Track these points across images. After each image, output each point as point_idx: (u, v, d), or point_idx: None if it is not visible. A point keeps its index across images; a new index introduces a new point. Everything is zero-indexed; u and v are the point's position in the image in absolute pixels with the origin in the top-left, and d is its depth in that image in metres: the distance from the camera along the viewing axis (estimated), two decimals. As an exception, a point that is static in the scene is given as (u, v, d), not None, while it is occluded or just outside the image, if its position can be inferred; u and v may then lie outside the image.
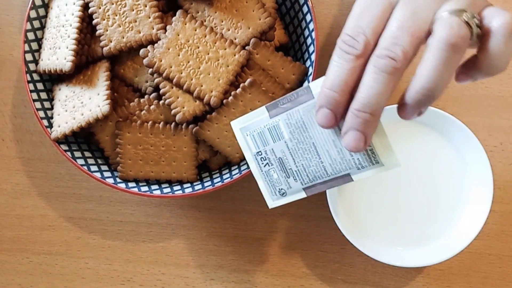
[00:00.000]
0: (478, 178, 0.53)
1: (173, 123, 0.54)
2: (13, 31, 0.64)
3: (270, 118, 0.41)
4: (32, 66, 0.56)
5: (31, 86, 0.55)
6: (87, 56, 0.56)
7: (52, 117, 0.55)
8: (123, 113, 0.55)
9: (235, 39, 0.53)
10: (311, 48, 0.54)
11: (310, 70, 0.54)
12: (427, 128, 0.53)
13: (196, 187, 0.54)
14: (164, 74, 0.52)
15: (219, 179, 0.55)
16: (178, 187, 0.55)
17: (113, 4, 0.53)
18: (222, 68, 0.52)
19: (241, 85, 0.52)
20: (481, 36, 0.37)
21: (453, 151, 0.54)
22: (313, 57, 0.53)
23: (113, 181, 0.54)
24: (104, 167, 0.56)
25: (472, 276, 0.59)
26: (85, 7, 0.54)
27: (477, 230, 0.52)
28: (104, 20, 0.54)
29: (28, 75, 0.55)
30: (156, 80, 0.53)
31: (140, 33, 0.53)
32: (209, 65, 0.52)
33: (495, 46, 0.37)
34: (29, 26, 0.55)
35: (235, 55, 0.53)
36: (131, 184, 0.55)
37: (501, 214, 0.59)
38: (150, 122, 0.54)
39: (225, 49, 0.53)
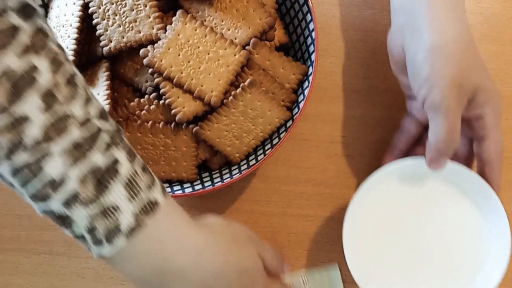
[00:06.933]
0: (495, 231, 0.52)
1: (173, 123, 0.54)
2: (13, 31, 0.64)
3: None
4: (32, 66, 0.56)
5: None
6: (87, 56, 0.56)
7: (52, 117, 0.55)
8: (123, 113, 0.55)
9: (235, 39, 0.53)
10: (311, 48, 0.54)
11: (310, 70, 0.54)
12: (444, 182, 0.52)
13: (196, 187, 0.54)
14: (164, 74, 0.52)
15: (219, 179, 0.55)
16: (178, 187, 0.55)
17: (113, 4, 0.53)
18: (222, 68, 0.52)
19: (241, 85, 0.52)
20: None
21: (470, 204, 0.52)
22: (313, 57, 0.53)
23: (113, 181, 0.54)
24: (104, 167, 0.55)
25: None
26: (85, 7, 0.54)
27: (494, 285, 0.51)
28: (104, 20, 0.54)
29: (28, 75, 0.55)
30: (156, 80, 0.53)
31: (140, 33, 0.53)
32: (209, 65, 0.52)
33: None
34: (29, 26, 0.55)
35: (235, 55, 0.53)
36: (131, 184, 0.55)
37: (501, 214, 0.59)
38: (150, 122, 0.54)
39: (225, 49, 0.53)
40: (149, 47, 0.53)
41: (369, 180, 0.51)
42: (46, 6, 0.56)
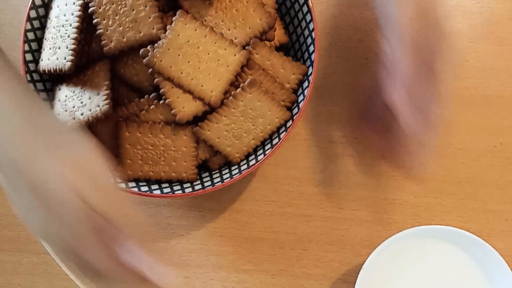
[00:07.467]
0: None
1: (173, 123, 0.54)
2: (13, 31, 0.64)
3: None
4: (32, 66, 0.56)
5: (31, 86, 0.55)
6: (87, 56, 0.56)
7: (52, 117, 0.55)
8: (123, 113, 0.55)
9: (235, 39, 0.53)
10: (311, 48, 0.54)
11: (310, 70, 0.54)
12: (453, 248, 0.53)
13: (196, 187, 0.54)
14: (164, 74, 0.52)
15: (219, 179, 0.55)
16: (178, 187, 0.55)
17: (113, 4, 0.53)
18: (222, 68, 0.52)
19: (241, 85, 0.52)
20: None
21: (481, 274, 0.53)
22: (313, 57, 0.53)
23: (113, 181, 0.54)
24: (104, 167, 0.55)
25: None
26: (85, 7, 0.54)
27: None
28: (104, 20, 0.54)
29: (28, 75, 0.55)
30: (156, 80, 0.53)
31: (140, 33, 0.53)
32: (209, 65, 0.52)
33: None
34: (29, 26, 0.55)
35: (235, 55, 0.53)
36: (131, 184, 0.55)
37: (500, 214, 0.59)
38: (150, 122, 0.54)
39: (225, 49, 0.53)
40: (149, 47, 0.53)
41: (381, 245, 0.51)
42: (46, 6, 0.56)
